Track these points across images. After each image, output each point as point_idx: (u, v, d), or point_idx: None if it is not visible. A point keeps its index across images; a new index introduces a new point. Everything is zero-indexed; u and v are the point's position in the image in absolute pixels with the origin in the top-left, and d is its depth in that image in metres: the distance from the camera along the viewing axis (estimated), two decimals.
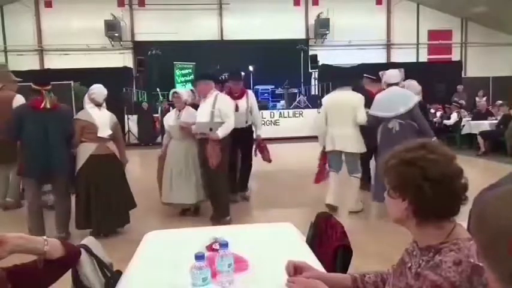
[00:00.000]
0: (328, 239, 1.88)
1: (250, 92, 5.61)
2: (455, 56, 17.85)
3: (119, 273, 1.64)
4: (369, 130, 4.75)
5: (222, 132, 4.39)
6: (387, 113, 4.42)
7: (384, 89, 4.68)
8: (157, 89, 14.76)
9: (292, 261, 1.39)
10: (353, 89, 5.00)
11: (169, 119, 4.95)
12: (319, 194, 5.04)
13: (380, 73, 4.90)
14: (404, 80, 5.01)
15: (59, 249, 1.33)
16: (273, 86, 15.26)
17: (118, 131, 4.51)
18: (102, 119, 4.28)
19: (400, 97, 4.45)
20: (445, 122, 11.05)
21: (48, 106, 4.03)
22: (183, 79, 15.89)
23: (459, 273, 1.00)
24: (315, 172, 5.22)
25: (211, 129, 4.38)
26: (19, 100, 5.09)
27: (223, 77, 7.29)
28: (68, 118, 4.26)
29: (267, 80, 15.11)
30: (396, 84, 4.58)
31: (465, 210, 1.05)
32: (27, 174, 4.13)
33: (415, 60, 17.45)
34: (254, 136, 5.62)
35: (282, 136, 12.56)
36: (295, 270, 1.37)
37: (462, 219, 1.10)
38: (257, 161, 5.75)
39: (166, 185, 4.80)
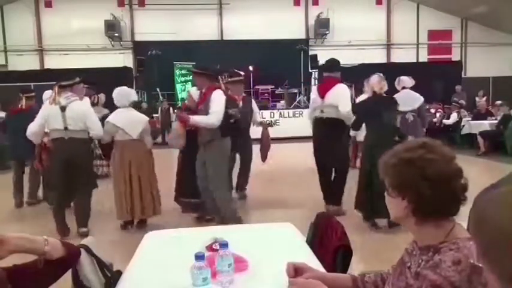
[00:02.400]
0: (328, 239, 1.88)
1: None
2: (455, 56, 17.84)
3: (118, 273, 1.64)
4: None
5: None
6: (406, 107, 5.41)
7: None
8: (157, 89, 14.76)
9: (292, 262, 1.39)
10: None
11: None
12: (319, 194, 5.04)
13: (397, 80, 5.85)
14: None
15: (59, 249, 1.33)
16: (273, 86, 15.25)
17: None
18: None
19: (414, 96, 5.64)
20: (444, 121, 11.07)
21: (23, 108, 5.69)
22: (183, 79, 15.89)
23: (459, 273, 1.00)
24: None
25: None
26: (85, 102, 6.21)
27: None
28: (34, 117, 5.09)
29: (267, 80, 15.11)
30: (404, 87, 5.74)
31: (465, 210, 1.06)
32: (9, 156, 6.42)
33: (415, 60, 17.44)
34: None
35: (282, 136, 12.57)
36: (296, 271, 1.37)
37: (462, 219, 1.10)
38: (257, 161, 5.76)
39: None
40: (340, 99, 4.69)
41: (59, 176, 4.38)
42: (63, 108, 4.26)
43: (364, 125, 4.84)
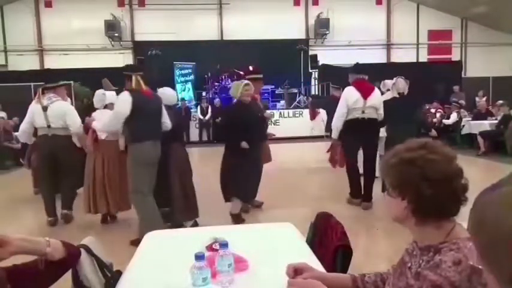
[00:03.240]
0: (328, 239, 1.88)
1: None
2: (455, 56, 17.84)
3: (118, 273, 1.64)
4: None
5: None
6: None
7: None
8: (157, 89, 14.75)
9: (292, 264, 1.39)
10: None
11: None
12: (319, 194, 5.05)
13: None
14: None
15: (60, 250, 1.33)
16: (273, 86, 15.25)
17: None
18: None
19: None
20: (444, 121, 11.07)
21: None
22: (183, 79, 15.90)
23: (459, 273, 1.00)
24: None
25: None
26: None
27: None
28: None
29: (267, 80, 15.00)
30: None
31: (466, 210, 1.06)
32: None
33: (415, 60, 17.45)
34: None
35: (282, 136, 12.57)
36: (295, 271, 1.37)
37: (463, 219, 1.10)
38: None
39: None
40: (381, 102, 5.17)
41: (44, 168, 4.90)
42: (45, 108, 4.74)
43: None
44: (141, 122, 3.85)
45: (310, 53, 16.38)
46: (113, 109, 4.19)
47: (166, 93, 4.60)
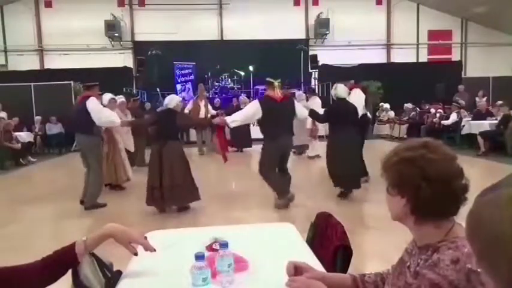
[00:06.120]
0: (328, 239, 1.88)
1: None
2: (455, 56, 17.85)
3: (119, 273, 1.64)
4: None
5: None
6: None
7: None
8: (157, 89, 14.77)
9: (292, 261, 1.39)
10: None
11: None
12: (319, 193, 5.04)
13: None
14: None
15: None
16: None
17: None
18: None
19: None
20: (443, 122, 11.06)
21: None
22: (183, 79, 15.91)
23: (457, 272, 1.00)
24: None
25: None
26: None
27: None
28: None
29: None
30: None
31: (466, 210, 1.05)
32: None
33: (415, 60, 17.46)
34: None
35: None
36: (296, 270, 1.37)
37: (462, 218, 1.10)
38: (254, 160, 5.74)
39: None
40: None
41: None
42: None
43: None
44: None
45: (310, 53, 16.39)
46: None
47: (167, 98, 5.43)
